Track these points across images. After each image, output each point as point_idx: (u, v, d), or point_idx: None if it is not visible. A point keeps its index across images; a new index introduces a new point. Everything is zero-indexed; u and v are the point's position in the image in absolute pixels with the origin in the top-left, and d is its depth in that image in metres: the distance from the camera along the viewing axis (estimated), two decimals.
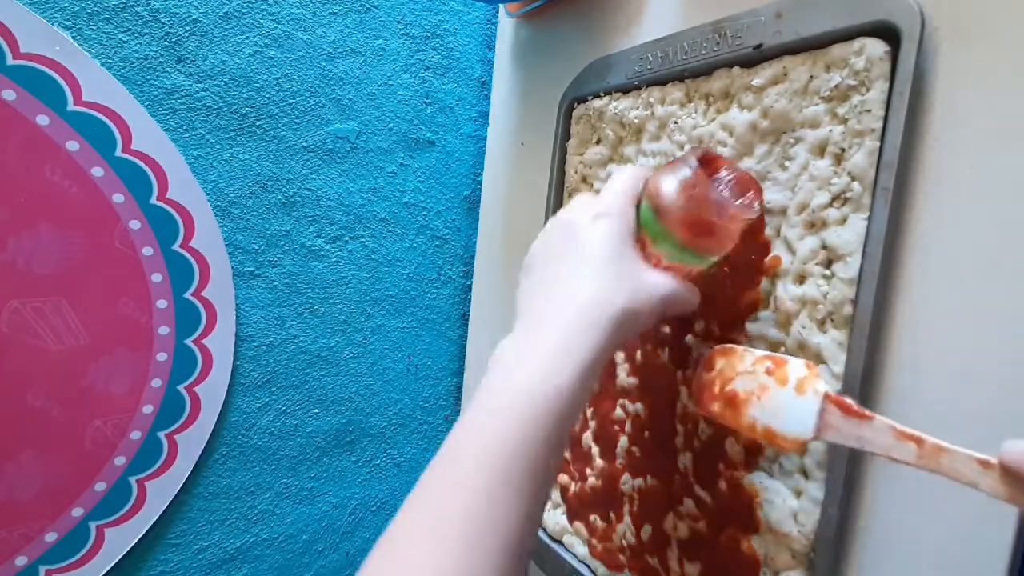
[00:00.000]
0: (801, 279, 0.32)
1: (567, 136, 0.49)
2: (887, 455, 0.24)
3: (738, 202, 0.31)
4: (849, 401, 0.26)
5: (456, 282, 0.67)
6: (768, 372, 0.29)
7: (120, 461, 0.47)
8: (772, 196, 0.33)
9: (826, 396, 0.26)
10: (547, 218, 0.50)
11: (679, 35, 0.39)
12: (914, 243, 0.29)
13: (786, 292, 0.32)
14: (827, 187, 0.31)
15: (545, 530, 0.48)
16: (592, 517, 0.44)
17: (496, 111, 0.62)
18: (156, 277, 0.47)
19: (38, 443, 0.44)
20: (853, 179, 0.30)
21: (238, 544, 0.54)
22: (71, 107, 0.42)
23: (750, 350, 0.31)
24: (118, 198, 0.45)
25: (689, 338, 0.38)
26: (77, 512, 0.46)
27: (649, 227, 0.31)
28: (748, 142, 0.35)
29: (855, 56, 0.30)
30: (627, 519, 0.41)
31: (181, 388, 0.49)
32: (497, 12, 0.63)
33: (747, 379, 0.30)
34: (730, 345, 0.32)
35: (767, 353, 0.30)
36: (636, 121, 0.42)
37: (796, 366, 0.28)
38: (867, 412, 0.25)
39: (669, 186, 0.30)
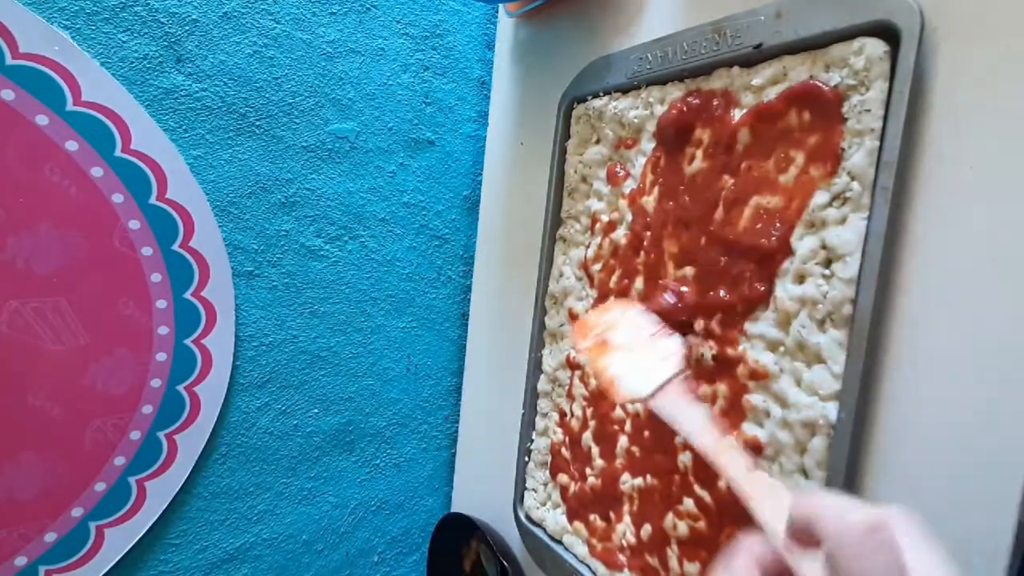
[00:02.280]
0: (801, 279, 0.32)
1: (567, 136, 0.49)
2: (691, 439, 0.28)
3: None
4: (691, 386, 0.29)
5: (456, 282, 0.67)
6: (650, 337, 0.33)
7: (120, 461, 0.47)
8: (772, 196, 0.33)
9: (681, 374, 0.30)
10: (547, 217, 0.50)
11: (679, 35, 0.39)
12: (914, 243, 0.29)
13: (786, 292, 0.32)
14: (827, 186, 0.31)
15: (545, 530, 0.48)
16: (592, 517, 0.44)
17: (496, 111, 0.62)
18: (156, 277, 0.47)
19: (38, 443, 0.44)
20: (853, 179, 0.30)
21: (238, 544, 0.54)
22: (70, 107, 0.42)
23: (647, 313, 0.34)
24: (117, 198, 0.45)
25: (689, 338, 0.38)
26: (77, 512, 0.46)
27: None
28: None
29: (855, 56, 0.30)
30: (627, 519, 0.41)
31: (181, 388, 0.49)
32: (497, 12, 0.63)
33: (629, 334, 0.33)
34: (625, 303, 0.35)
35: (658, 322, 0.33)
36: (636, 121, 0.42)
37: (674, 343, 0.32)
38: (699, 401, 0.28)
39: None
